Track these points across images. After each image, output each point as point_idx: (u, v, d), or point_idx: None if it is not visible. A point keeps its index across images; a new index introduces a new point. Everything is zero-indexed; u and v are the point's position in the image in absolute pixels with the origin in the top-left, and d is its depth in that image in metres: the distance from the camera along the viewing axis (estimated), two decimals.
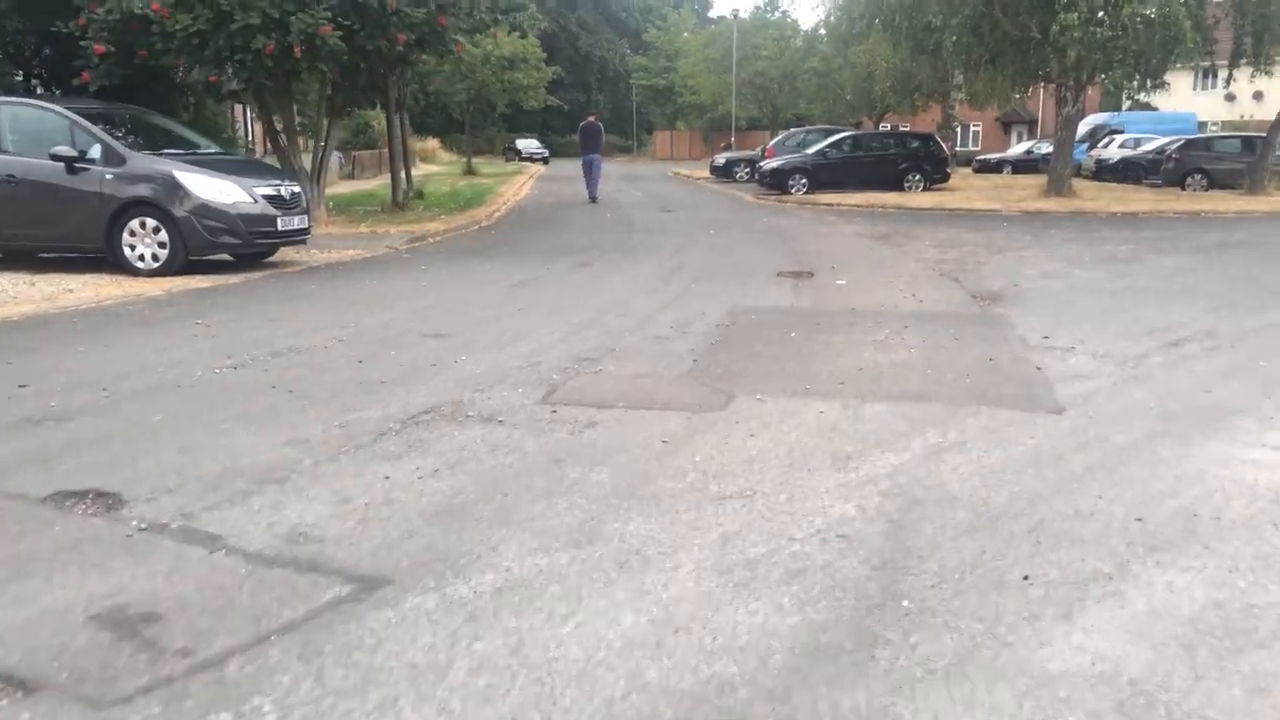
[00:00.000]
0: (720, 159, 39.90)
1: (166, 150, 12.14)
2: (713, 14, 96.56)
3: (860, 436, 5.42)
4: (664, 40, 70.59)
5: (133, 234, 11.37)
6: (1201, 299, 10.19)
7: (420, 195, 25.41)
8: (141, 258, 11.40)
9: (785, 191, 28.45)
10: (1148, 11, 21.21)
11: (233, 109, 26.84)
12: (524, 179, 39.05)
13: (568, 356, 7.41)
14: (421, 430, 5.50)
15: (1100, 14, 21.81)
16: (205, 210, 11.33)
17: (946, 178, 29.90)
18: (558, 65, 47.16)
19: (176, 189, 11.28)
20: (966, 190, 29.68)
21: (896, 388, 6.52)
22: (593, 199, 26.53)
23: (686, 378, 6.80)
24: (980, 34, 24.79)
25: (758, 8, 55.88)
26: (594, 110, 35.86)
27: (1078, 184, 27.29)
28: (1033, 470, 4.83)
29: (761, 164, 30.90)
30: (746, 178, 35.96)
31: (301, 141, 22.13)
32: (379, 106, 58.27)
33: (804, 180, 28.63)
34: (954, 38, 23.54)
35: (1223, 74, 31.87)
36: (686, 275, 12.15)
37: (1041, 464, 4.92)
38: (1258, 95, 40.97)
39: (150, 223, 11.32)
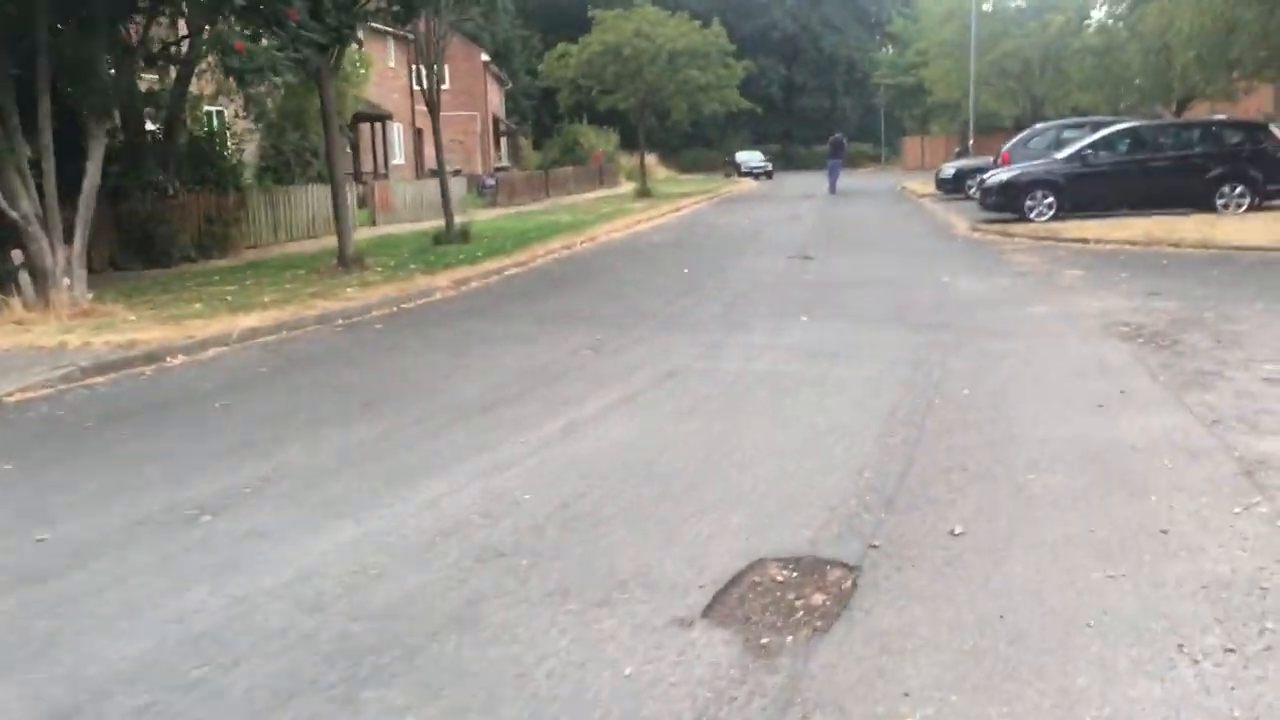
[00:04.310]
0: (948, 169, 29.86)
1: None
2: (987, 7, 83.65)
3: None
4: (912, 32, 59.99)
5: None
6: None
7: (465, 237, 17.85)
8: None
9: (1022, 216, 18.66)
10: None
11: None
12: (684, 203, 30.70)
13: None
14: None
15: None
16: None
17: None
18: (747, 61, 38.43)
19: None
20: None
21: None
22: (831, 190, 33.83)
23: None
24: None
25: None
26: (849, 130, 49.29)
27: None
28: None
29: (986, 176, 21.09)
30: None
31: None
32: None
33: (1049, 199, 18.69)
34: None
35: None
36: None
37: None
38: None
39: None
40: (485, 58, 50.23)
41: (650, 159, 62.01)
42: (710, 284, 12.30)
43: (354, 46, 19.20)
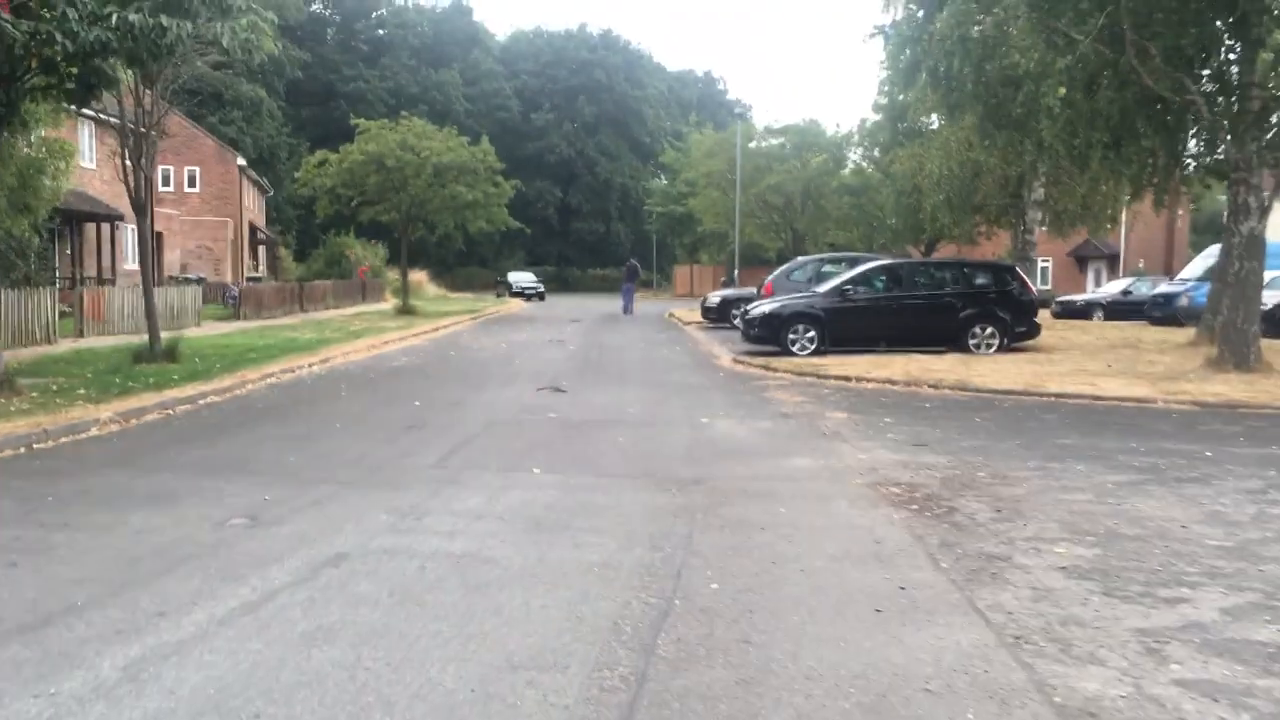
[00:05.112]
0: (713, 298, 29.74)
1: None
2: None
3: None
4: (682, 163, 61.47)
5: None
6: None
7: (172, 355, 15.42)
8: None
9: (785, 349, 18.12)
10: None
11: None
12: (445, 323, 29.11)
13: None
14: None
15: None
16: None
17: (1034, 331, 19.33)
18: (518, 180, 37.64)
19: None
20: (1067, 351, 19.05)
21: None
22: (625, 311, 35.58)
23: None
24: (1097, 98, 14.58)
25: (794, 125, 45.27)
26: (634, 256, 52.70)
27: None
28: None
29: (750, 307, 20.62)
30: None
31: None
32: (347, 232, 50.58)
33: (810, 333, 18.29)
34: (1060, 93, 13.26)
35: None
36: None
37: None
38: None
39: None
40: (241, 162, 47.48)
41: (420, 275, 60.25)
42: (440, 421, 10.62)
43: (42, 132, 16.78)
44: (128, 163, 15.27)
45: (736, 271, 36.39)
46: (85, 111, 24.23)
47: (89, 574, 5.03)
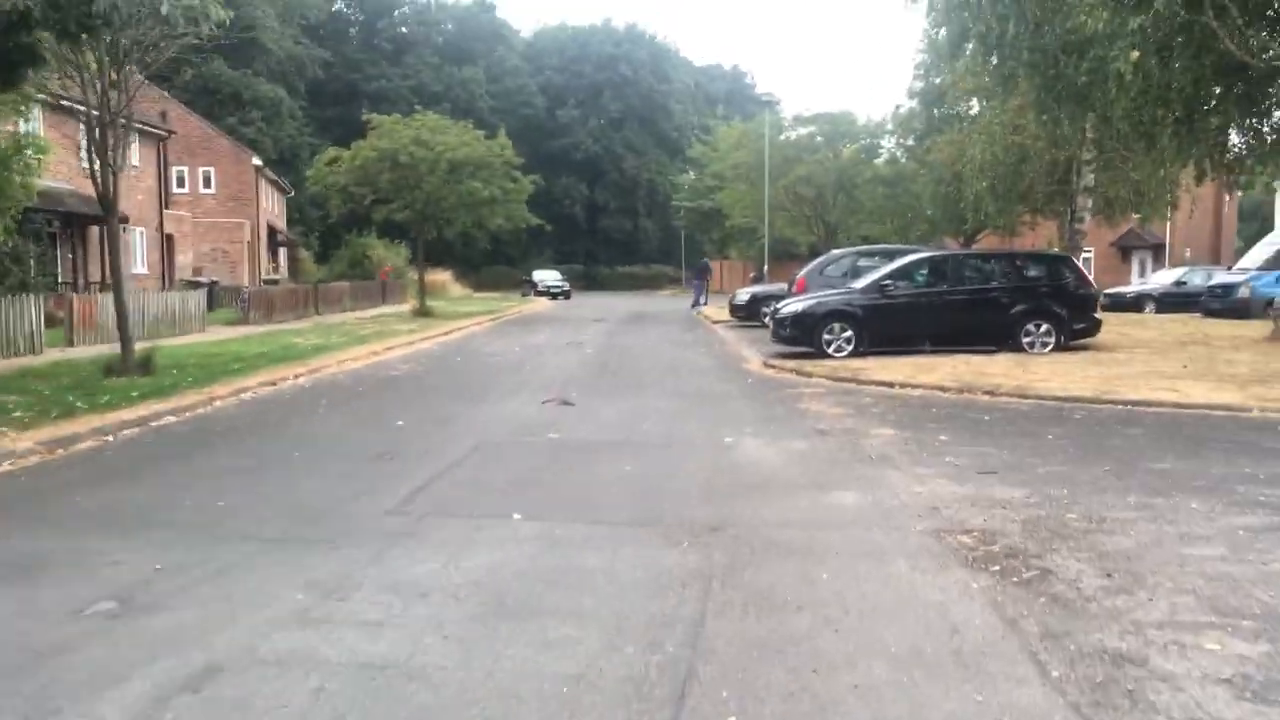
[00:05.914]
0: (742, 295, 28.12)
1: None
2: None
3: None
4: (709, 156, 59.60)
5: None
6: None
7: (147, 367, 14.06)
8: None
9: (819, 350, 16.50)
10: None
11: None
12: (462, 324, 27.72)
13: None
14: None
15: None
16: None
17: (1095, 328, 17.57)
18: (538, 176, 36.06)
19: None
20: (1131, 349, 17.31)
21: None
22: (693, 306, 36.43)
23: None
24: (1168, 64, 12.86)
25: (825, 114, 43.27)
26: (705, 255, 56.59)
27: None
28: None
29: (780, 305, 18.97)
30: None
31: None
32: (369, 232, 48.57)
33: (847, 333, 16.66)
34: (1132, 58, 11.54)
35: None
36: None
37: None
38: None
39: None
40: (258, 162, 46.31)
41: (444, 275, 58.96)
42: (419, 446, 9.11)
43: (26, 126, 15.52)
44: (94, 156, 13.93)
45: (766, 267, 34.72)
46: (71, 104, 22.93)
47: None
